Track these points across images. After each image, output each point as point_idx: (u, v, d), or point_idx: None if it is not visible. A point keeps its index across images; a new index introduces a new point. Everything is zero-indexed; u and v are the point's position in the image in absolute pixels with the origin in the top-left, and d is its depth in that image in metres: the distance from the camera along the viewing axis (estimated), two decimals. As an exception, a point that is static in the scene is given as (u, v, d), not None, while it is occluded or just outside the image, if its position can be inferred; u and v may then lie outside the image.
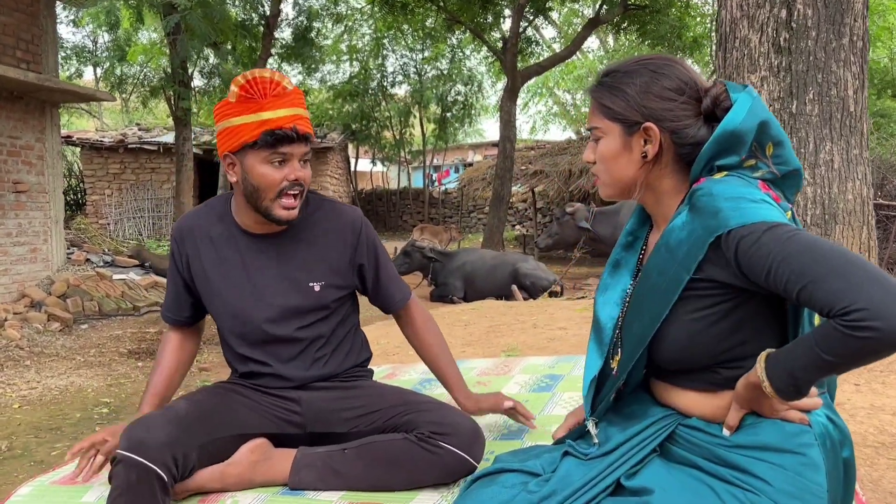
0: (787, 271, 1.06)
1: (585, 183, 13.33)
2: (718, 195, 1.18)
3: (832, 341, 1.02)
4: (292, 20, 15.22)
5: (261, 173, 1.72)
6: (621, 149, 1.30)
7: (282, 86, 1.71)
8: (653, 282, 1.27)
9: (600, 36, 22.65)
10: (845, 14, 3.17)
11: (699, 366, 1.27)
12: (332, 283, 1.88)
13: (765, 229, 1.11)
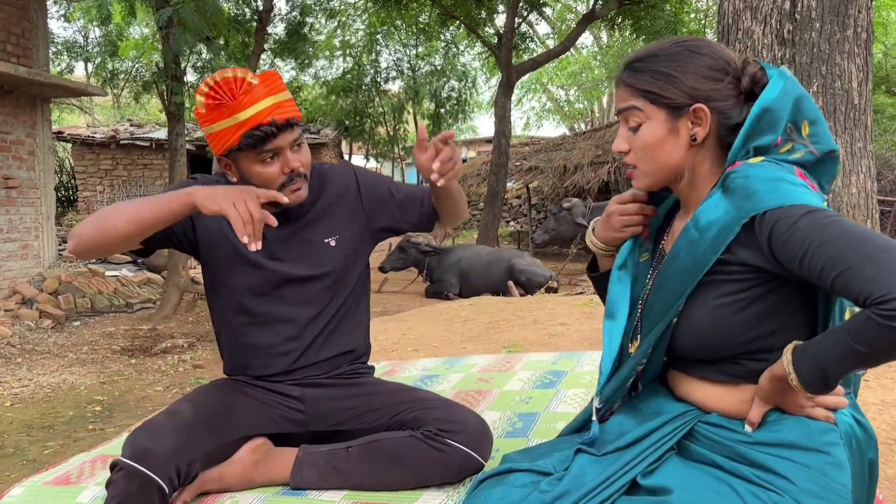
0: (824, 257, 1.02)
1: (580, 179, 13.30)
2: (755, 177, 1.14)
3: (867, 332, 0.98)
4: (285, 15, 15.11)
5: (256, 172, 1.67)
6: (667, 133, 1.24)
7: (247, 82, 1.61)
8: (679, 263, 1.22)
9: (594, 32, 22.61)
10: (850, 5, 3.14)
11: (723, 355, 1.22)
12: (345, 236, 1.85)
13: (802, 213, 1.06)
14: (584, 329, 3.30)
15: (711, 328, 1.20)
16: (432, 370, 2.76)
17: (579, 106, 27.05)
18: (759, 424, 1.18)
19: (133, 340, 7.09)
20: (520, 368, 2.70)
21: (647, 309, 1.31)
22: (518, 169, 14.55)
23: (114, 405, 4.95)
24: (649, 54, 1.27)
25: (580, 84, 24.71)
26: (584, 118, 27.54)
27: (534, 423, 2.09)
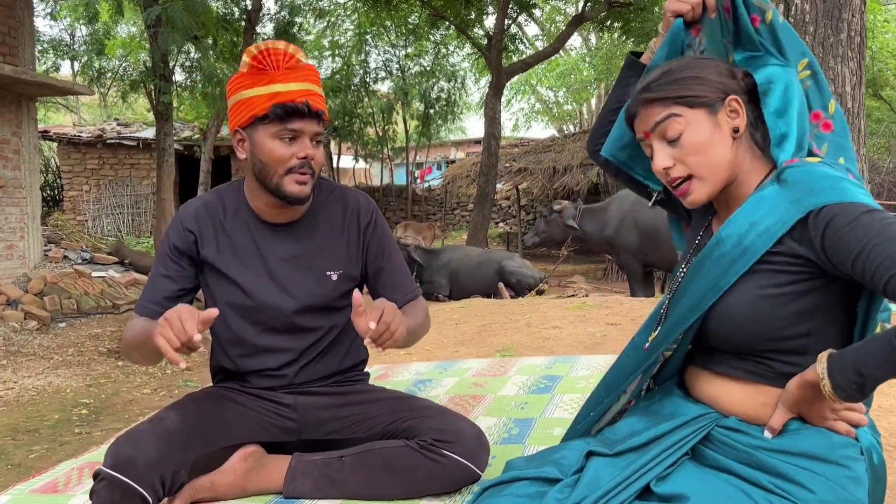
0: (882, 255, 1.01)
1: (569, 180, 13.32)
2: (815, 173, 1.15)
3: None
4: (274, 15, 15.05)
5: (270, 148, 1.64)
6: (713, 130, 1.23)
7: (295, 58, 1.64)
8: (724, 249, 1.20)
9: (583, 33, 22.64)
10: (843, 9, 3.14)
11: (755, 349, 1.20)
12: (348, 272, 1.81)
13: (863, 210, 1.06)
14: (578, 332, 3.28)
15: (751, 318, 1.18)
16: (426, 374, 2.74)
17: (568, 107, 27.08)
18: (780, 432, 1.16)
19: (119, 342, 7.01)
20: (514, 373, 2.67)
21: (679, 295, 1.29)
22: (507, 170, 14.55)
23: (100, 408, 4.89)
24: (664, 72, 1.27)
25: (569, 86, 24.74)
26: (573, 120, 27.57)
27: (530, 429, 2.07)
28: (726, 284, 1.18)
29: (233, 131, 1.70)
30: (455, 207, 21.06)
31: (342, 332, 1.85)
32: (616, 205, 7.11)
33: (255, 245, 1.77)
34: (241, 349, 1.79)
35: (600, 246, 7.53)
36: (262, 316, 1.76)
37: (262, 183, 1.69)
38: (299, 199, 1.68)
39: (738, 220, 1.19)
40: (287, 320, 1.76)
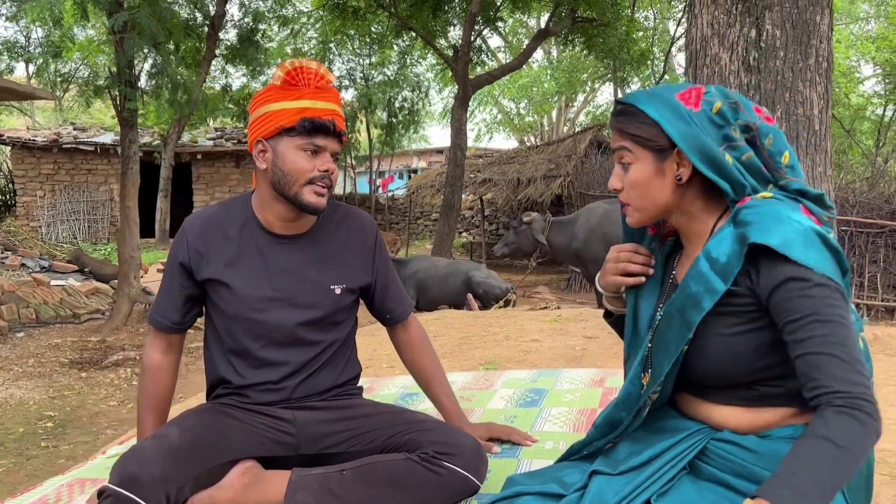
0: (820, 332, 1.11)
1: (533, 192, 13.47)
2: (764, 213, 1.20)
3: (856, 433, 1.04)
4: (238, 21, 14.93)
5: (293, 159, 1.70)
6: (654, 173, 1.30)
7: (326, 79, 1.73)
8: (689, 292, 1.26)
9: (545, 47, 22.96)
10: (812, 35, 3.28)
11: (738, 381, 1.26)
12: (350, 287, 1.86)
13: (818, 282, 1.13)
14: (557, 345, 3.34)
15: (727, 357, 1.24)
16: (411, 388, 2.75)
17: (530, 119, 27.39)
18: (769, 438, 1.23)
19: (82, 353, 6.86)
20: (500, 386, 2.72)
21: (658, 337, 1.34)
22: (472, 181, 14.65)
23: (66, 421, 4.78)
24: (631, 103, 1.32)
25: (531, 98, 25.04)
26: (535, 131, 27.89)
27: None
28: (695, 321, 1.24)
29: (254, 141, 1.75)
30: (419, 217, 21.10)
31: (341, 346, 1.89)
32: (584, 218, 7.23)
33: (262, 257, 1.80)
34: (245, 361, 1.81)
35: (568, 258, 7.64)
36: (266, 329, 1.78)
37: (281, 192, 1.74)
38: (316, 209, 1.74)
39: (699, 261, 1.26)
40: (290, 333, 1.79)
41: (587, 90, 25.80)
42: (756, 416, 1.26)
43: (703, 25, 3.41)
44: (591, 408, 2.39)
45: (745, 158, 1.27)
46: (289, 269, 1.80)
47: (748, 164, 1.27)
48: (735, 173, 1.26)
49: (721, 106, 1.28)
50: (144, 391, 1.86)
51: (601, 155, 12.86)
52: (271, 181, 1.74)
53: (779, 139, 1.31)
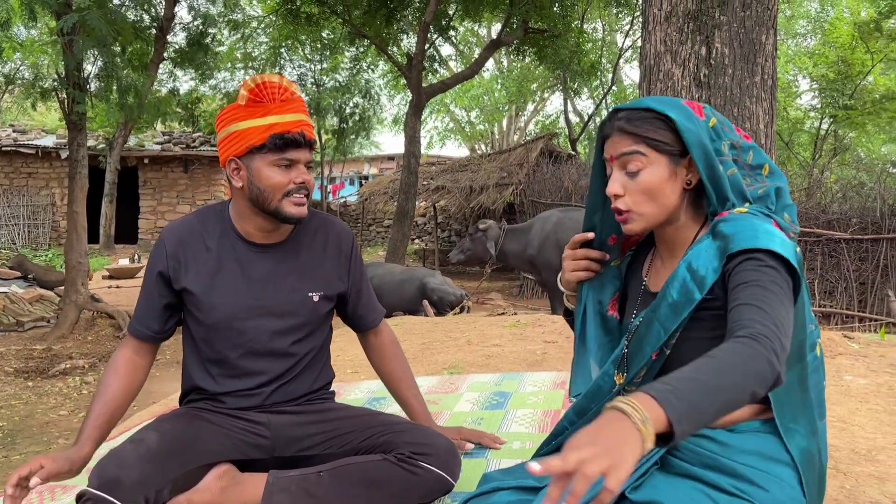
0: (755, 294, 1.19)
1: (485, 199, 13.62)
2: (740, 225, 1.28)
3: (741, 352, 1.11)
4: (187, 24, 14.71)
5: (268, 176, 1.71)
6: (668, 177, 1.36)
7: (290, 91, 1.73)
8: (670, 301, 1.34)
9: (496, 56, 23.21)
10: (757, 54, 3.46)
11: None
12: (327, 294, 1.88)
13: (770, 263, 1.22)
14: (519, 350, 3.42)
15: None
16: (378, 392, 2.80)
17: (481, 127, 27.64)
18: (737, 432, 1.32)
19: (27, 361, 6.68)
20: (465, 390, 2.79)
21: (638, 339, 1.42)
22: (425, 188, 14.72)
23: (15, 431, 4.66)
24: (646, 108, 1.38)
25: (482, 106, 25.29)
26: (486, 139, 28.15)
27: (490, 444, 2.18)
28: (673, 327, 1.32)
29: (227, 160, 1.75)
30: (371, 223, 21.07)
31: (317, 354, 1.93)
32: (539, 225, 7.38)
33: (241, 266, 1.81)
34: (222, 370, 1.82)
35: (522, 264, 7.78)
36: (244, 338, 1.80)
37: (260, 207, 1.75)
38: (299, 219, 1.77)
39: (680, 270, 1.34)
40: (268, 342, 1.81)
41: (537, 100, 26.18)
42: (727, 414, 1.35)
43: (656, 42, 3.56)
44: (554, 409, 2.48)
45: (730, 174, 1.36)
46: (268, 278, 1.82)
47: (732, 179, 1.36)
48: (726, 186, 1.35)
49: (716, 122, 1.37)
50: (103, 387, 1.77)
51: (552, 164, 13.07)
52: (249, 197, 1.76)
53: (758, 154, 1.41)
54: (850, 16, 18.02)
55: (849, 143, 18.29)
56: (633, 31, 18.25)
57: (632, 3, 15.20)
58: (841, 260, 9.40)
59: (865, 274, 9.34)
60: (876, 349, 3.39)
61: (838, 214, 9.62)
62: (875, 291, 9.27)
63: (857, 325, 9.05)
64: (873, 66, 15.19)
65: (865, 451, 2.10)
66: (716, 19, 3.44)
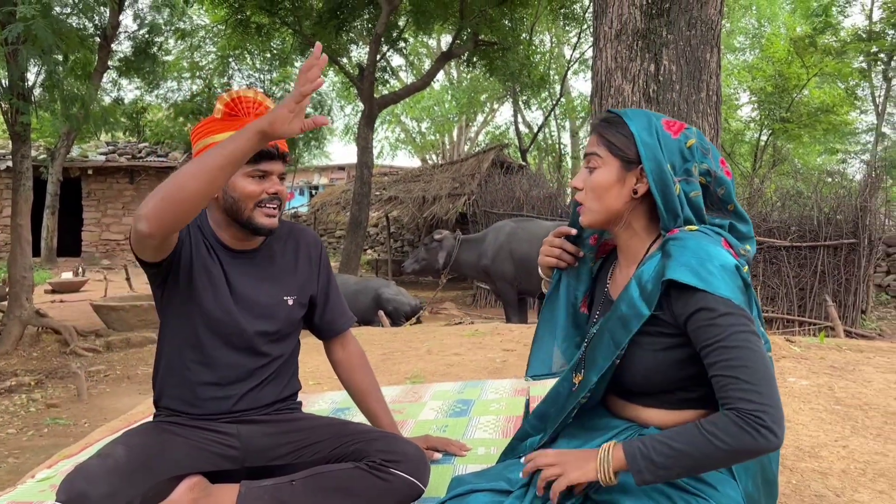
0: (724, 357, 1.28)
1: (438, 209, 13.70)
2: (688, 248, 1.36)
3: (726, 429, 1.24)
4: (133, 33, 14.46)
5: (242, 186, 1.77)
6: (616, 181, 1.46)
7: (264, 105, 1.79)
8: (621, 313, 1.43)
9: (446, 68, 23.40)
10: (703, 71, 3.62)
11: (661, 389, 1.44)
12: (300, 299, 1.94)
13: (723, 312, 1.30)
14: (479, 358, 3.49)
15: (653, 370, 1.42)
16: (342, 403, 2.83)
17: (432, 138, 27.79)
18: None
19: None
20: (429, 398, 2.84)
21: (592, 347, 1.51)
22: (378, 199, 14.74)
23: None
24: (618, 116, 1.49)
25: (433, 117, 25.45)
26: (437, 149, 28.31)
27: (456, 450, 2.24)
28: (624, 342, 1.41)
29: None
30: (322, 234, 20.96)
31: (286, 361, 1.97)
32: (493, 236, 7.48)
33: (222, 268, 1.86)
34: (198, 355, 1.84)
35: (477, 274, 7.87)
36: (226, 329, 1.84)
37: (233, 217, 1.81)
38: (269, 230, 1.83)
39: (631, 285, 1.44)
40: (248, 340, 1.85)
41: (487, 111, 26.47)
42: (677, 416, 1.44)
43: (607, 59, 3.69)
44: (516, 415, 2.55)
45: (693, 195, 1.45)
46: (247, 281, 1.87)
47: (693, 200, 1.45)
48: (676, 204, 1.43)
49: (695, 144, 1.45)
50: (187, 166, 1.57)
51: (503, 174, 13.24)
52: (223, 207, 1.82)
53: (729, 191, 1.50)
54: (786, 32, 18.79)
55: (787, 153, 18.97)
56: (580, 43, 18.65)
57: (579, 17, 15.57)
58: (781, 267, 9.75)
59: (804, 280, 9.70)
60: (816, 352, 3.57)
61: (778, 223, 9.96)
62: (814, 297, 9.64)
63: (798, 330, 9.40)
64: (808, 80, 15.83)
65: (809, 448, 2.23)
66: (663, 37, 3.60)
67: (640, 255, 1.49)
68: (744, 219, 1.52)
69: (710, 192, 1.49)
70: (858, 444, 2.26)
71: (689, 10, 3.55)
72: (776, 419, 1.23)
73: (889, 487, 1.97)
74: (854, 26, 15.52)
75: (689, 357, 1.38)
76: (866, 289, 9.91)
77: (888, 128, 16.42)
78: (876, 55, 14.58)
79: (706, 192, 1.49)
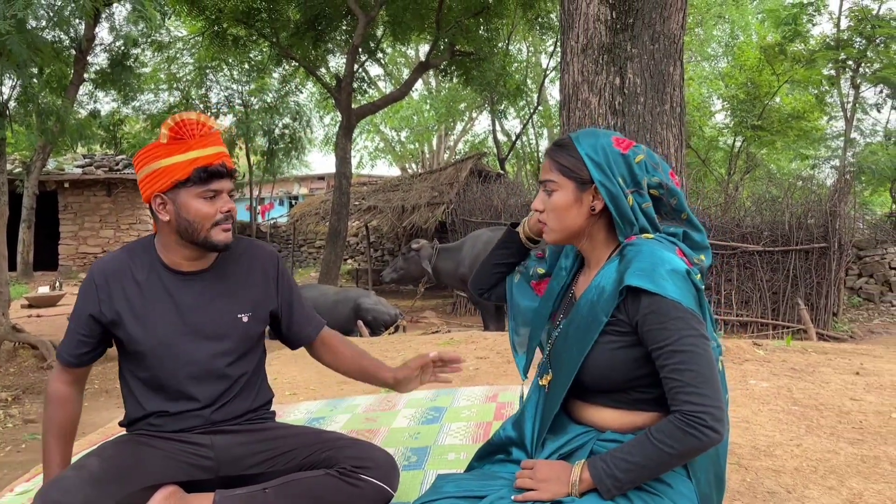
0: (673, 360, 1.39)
1: (418, 219, 13.77)
2: (643, 253, 1.46)
3: (671, 434, 1.37)
4: (108, 45, 14.43)
5: (195, 208, 1.79)
6: (574, 201, 1.55)
7: (208, 126, 1.82)
8: (582, 316, 1.52)
9: (424, 78, 23.53)
10: (666, 84, 3.73)
11: (617, 387, 1.52)
12: (257, 315, 1.96)
13: (673, 316, 1.40)
14: (452, 367, 3.55)
15: (609, 368, 1.50)
16: (317, 413, 2.89)
17: (411, 147, 27.89)
18: None
19: (-52, 396, 6.41)
20: (402, 406, 2.90)
21: (556, 348, 1.60)
22: (357, 208, 14.78)
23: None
24: (570, 142, 1.58)
25: (412, 127, 25.56)
26: (416, 158, 28.41)
27: (427, 456, 2.30)
28: (588, 345, 1.51)
29: (151, 197, 1.83)
30: (302, 244, 20.93)
31: (252, 375, 2.00)
32: (470, 244, 7.57)
33: (170, 296, 1.88)
34: (161, 394, 1.88)
35: (455, 282, 7.95)
36: (180, 363, 1.87)
37: (188, 238, 1.84)
38: (227, 245, 1.86)
39: (591, 290, 1.54)
40: (204, 365, 1.88)
41: (466, 119, 26.62)
42: (632, 417, 1.53)
43: (574, 72, 3.79)
44: (486, 421, 2.62)
45: (645, 207, 1.55)
46: (197, 304, 1.89)
47: (646, 211, 1.55)
48: (630, 215, 1.53)
49: (643, 159, 1.55)
50: (51, 420, 1.89)
51: (482, 183, 13.35)
52: (177, 230, 1.84)
53: (681, 201, 1.60)
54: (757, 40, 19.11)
55: (759, 160, 19.27)
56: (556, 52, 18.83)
57: (555, 26, 15.75)
58: (755, 271, 9.93)
59: (777, 284, 9.88)
60: (780, 355, 3.68)
61: (751, 228, 10.14)
62: (786, 300, 9.82)
63: (771, 333, 9.57)
64: (779, 88, 16.12)
65: (765, 447, 2.32)
66: (628, 52, 3.70)
67: (602, 262, 1.59)
68: (697, 227, 1.61)
69: (664, 203, 1.59)
70: (812, 442, 2.36)
71: (653, 25, 3.66)
72: (717, 418, 1.36)
73: (838, 483, 2.06)
74: (822, 34, 15.88)
75: (643, 356, 1.48)
76: (837, 292, 10.12)
77: (857, 134, 16.72)
78: (844, 62, 14.88)
79: (659, 203, 1.59)
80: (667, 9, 3.66)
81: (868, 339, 9.47)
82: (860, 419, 2.58)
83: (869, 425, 2.53)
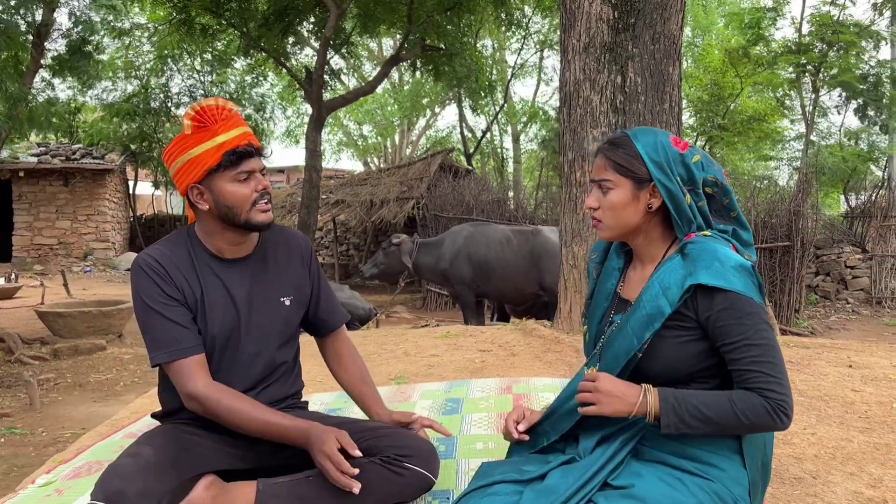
0: (751, 353, 1.45)
1: (386, 213, 13.75)
2: (706, 251, 1.51)
3: (753, 410, 1.43)
4: (67, 31, 14.04)
5: (232, 192, 1.80)
6: (631, 199, 1.59)
7: (227, 108, 1.82)
8: (644, 311, 1.56)
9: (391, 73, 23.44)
10: (666, 83, 3.81)
11: (679, 380, 1.57)
12: (297, 299, 1.98)
13: (748, 311, 1.45)
14: (457, 359, 3.58)
15: (674, 361, 1.55)
16: (332, 404, 2.89)
17: (374, 141, 27.79)
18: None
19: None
20: (418, 398, 2.92)
21: (609, 343, 1.63)
22: (325, 202, 14.68)
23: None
24: (626, 138, 1.62)
25: (376, 121, 25.46)
26: (378, 153, 28.32)
27: (455, 447, 2.33)
28: (647, 336, 1.54)
29: (187, 189, 1.83)
30: (266, 238, 20.65)
31: (293, 361, 2.04)
32: (450, 240, 7.60)
33: (220, 281, 1.89)
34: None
35: (435, 277, 7.97)
36: (239, 353, 1.89)
37: (230, 223, 1.84)
38: (268, 225, 1.87)
39: (654, 285, 1.57)
40: (254, 349, 1.90)
41: (428, 114, 26.63)
42: None
43: (575, 70, 3.85)
44: (506, 411, 2.65)
45: (700, 205, 1.60)
46: (246, 289, 1.90)
47: (702, 209, 1.60)
48: (688, 212, 1.58)
49: (700, 159, 1.60)
50: (248, 406, 1.80)
51: (452, 178, 13.38)
52: (218, 216, 1.84)
53: (732, 200, 1.65)
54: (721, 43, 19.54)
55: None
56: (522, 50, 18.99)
57: (523, 24, 15.86)
58: (721, 268, 10.17)
59: (742, 281, 10.14)
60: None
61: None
62: (751, 297, 10.09)
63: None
64: (742, 90, 16.52)
65: (782, 435, 2.41)
66: (629, 51, 3.77)
67: (658, 258, 1.63)
68: (745, 226, 1.67)
69: (716, 201, 1.64)
70: (825, 431, 2.46)
71: (653, 26, 3.73)
72: (792, 406, 1.44)
73: (858, 469, 2.15)
74: (784, 39, 16.28)
75: (706, 350, 1.52)
76: (800, 289, 10.43)
77: (816, 136, 17.24)
78: (804, 66, 15.30)
79: (711, 201, 1.64)
80: (667, 10, 3.74)
81: (827, 335, 9.80)
82: (865, 409, 2.70)
83: (874, 415, 2.64)
